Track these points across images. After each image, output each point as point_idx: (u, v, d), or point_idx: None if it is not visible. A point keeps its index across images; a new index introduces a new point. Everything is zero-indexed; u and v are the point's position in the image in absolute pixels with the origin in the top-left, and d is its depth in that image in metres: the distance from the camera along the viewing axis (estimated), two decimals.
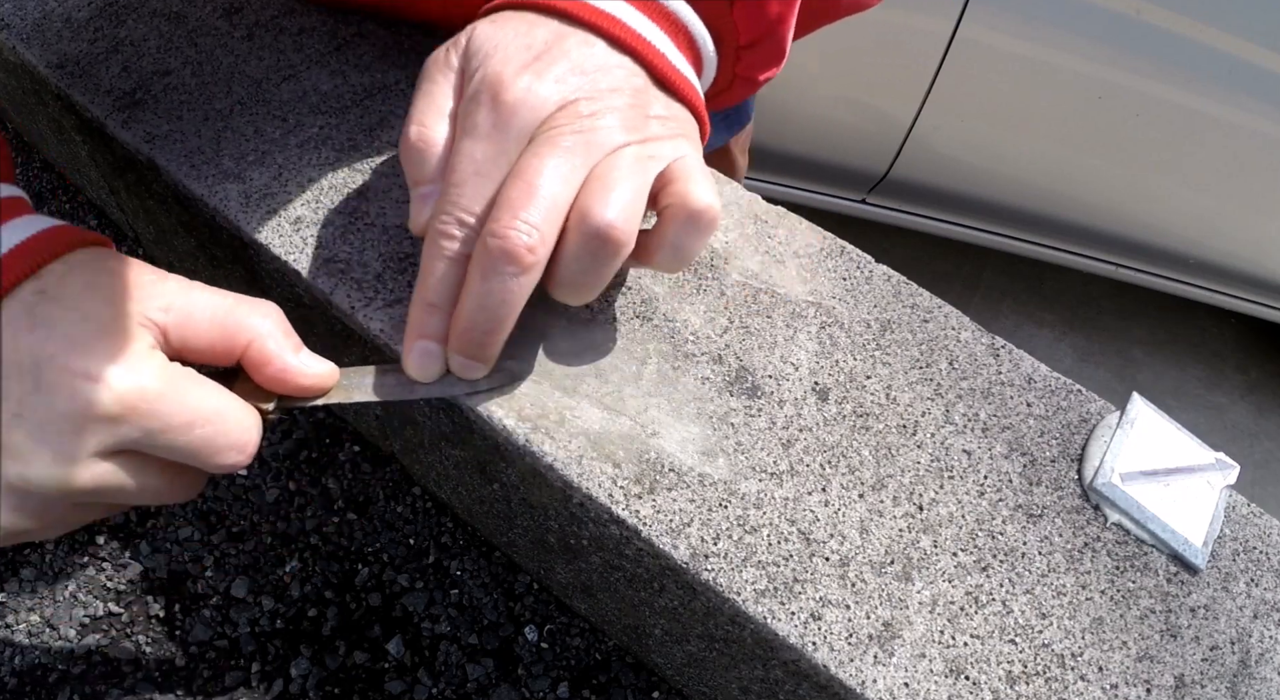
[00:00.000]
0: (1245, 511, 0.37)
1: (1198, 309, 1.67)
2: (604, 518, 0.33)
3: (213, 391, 0.28)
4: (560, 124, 0.29)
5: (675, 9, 0.32)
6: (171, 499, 0.30)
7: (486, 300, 0.29)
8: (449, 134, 0.31)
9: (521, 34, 0.31)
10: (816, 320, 0.39)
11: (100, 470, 0.26)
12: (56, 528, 0.28)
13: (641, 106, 0.31)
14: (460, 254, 0.30)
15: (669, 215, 0.31)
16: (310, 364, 0.31)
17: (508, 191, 0.28)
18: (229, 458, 0.28)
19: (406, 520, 0.51)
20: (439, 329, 0.31)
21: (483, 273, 0.29)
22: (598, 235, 0.29)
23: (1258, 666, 0.34)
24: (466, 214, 0.29)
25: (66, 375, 0.25)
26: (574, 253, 0.29)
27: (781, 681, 0.35)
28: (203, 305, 0.29)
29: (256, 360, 0.30)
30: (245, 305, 0.30)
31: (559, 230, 0.29)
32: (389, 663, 0.46)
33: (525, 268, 0.28)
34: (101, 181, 0.54)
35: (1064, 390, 0.39)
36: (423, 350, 0.31)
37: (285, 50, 0.45)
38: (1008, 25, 1.07)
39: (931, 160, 1.28)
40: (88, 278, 0.27)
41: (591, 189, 0.29)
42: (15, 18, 0.46)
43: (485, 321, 0.30)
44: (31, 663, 0.45)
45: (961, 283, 1.76)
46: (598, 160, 0.30)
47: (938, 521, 0.34)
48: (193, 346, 0.29)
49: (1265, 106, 1.10)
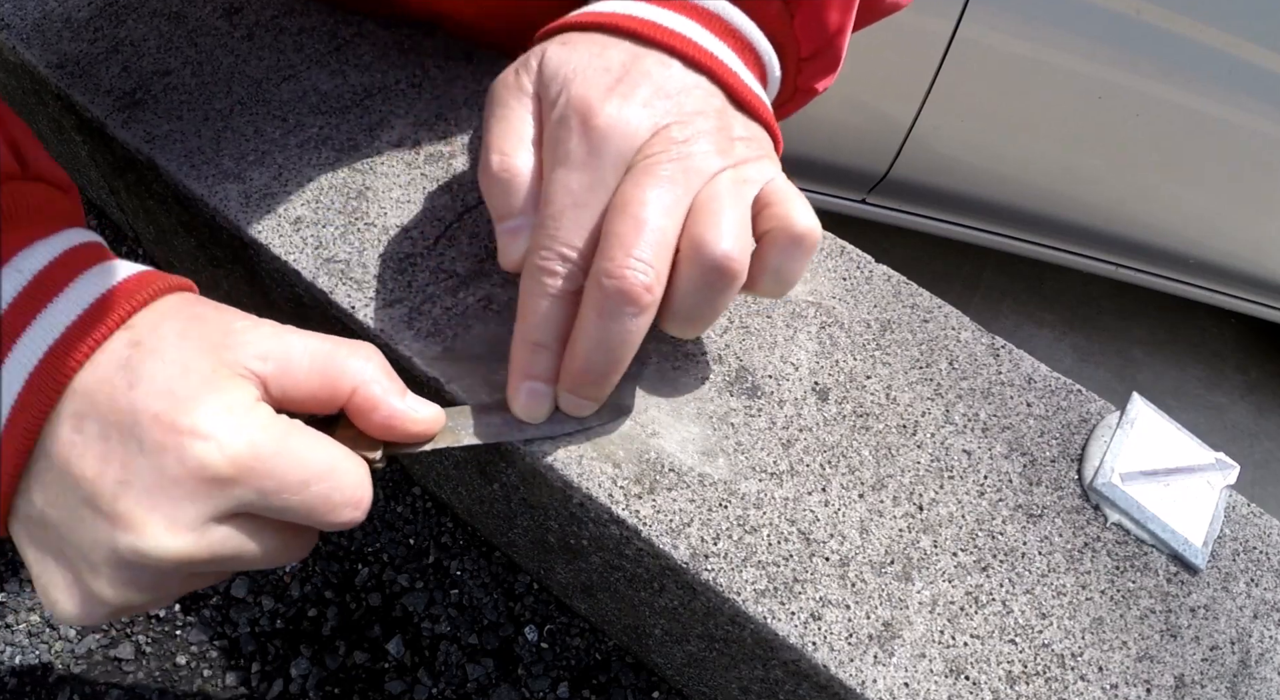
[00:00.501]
0: (1245, 511, 0.37)
1: (1198, 309, 1.67)
2: (604, 518, 0.33)
3: (324, 445, 0.27)
4: (656, 152, 0.28)
5: (740, 25, 0.32)
6: (285, 561, 0.28)
7: (605, 342, 0.28)
8: (534, 163, 0.30)
9: (596, 56, 0.30)
10: (816, 320, 0.39)
11: (216, 536, 0.25)
12: (166, 600, 0.27)
13: (726, 128, 0.30)
14: (564, 291, 0.28)
15: (771, 240, 0.30)
16: (418, 408, 0.29)
17: (615, 227, 0.27)
18: (345, 515, 0.27)
19: (406, 520, 0.51)
20: (547, 369, 0.30)
21: (599, 313, 0.27)
22: (715, 267, 0.28)
23: (1258, 666, 0.34)
24: (568, 248, 0.28)
25: (173, 435, 0.23)
26: (691, 286, 0.28)
27: (781, 681, 0.35)
28: (300, 351, 0.27)
29: (362, 407, 0.28)
30: (345, 348, 0.28)
31: (670, 264, 0.28)
32: (389, 663, 0.46)
33: (643, 308, 0.27)
34: (101, 181, 0.54)
35: (1064, 390, 0.39)
36: (530, 391, 0.30)
37: (285, 50, 0.45)
38: (1008, 25, 1.07)
39: (931, 160, 1.28)
40: (180, 326, 0.26)
41: (700, 219, 0.28)
42: (15, 18, 0.46)
43: (603, 363, 0.29)
44: (31, 663, 0.45)
45: (961, 283, 1.76)
46: (698, 188, 0.29)
47: (938, 521, 0.34)
48: (293, 396, 0.27)
49: (1265, 106, 1.10)
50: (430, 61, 0.45)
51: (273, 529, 0.27)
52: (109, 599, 0.25)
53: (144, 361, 0.25)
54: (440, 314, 0.36)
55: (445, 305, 0.37)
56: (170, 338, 0.25)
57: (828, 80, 0.37)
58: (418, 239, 0.38)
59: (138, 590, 0.25)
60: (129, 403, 0.24)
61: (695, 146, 0.29)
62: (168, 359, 0.25)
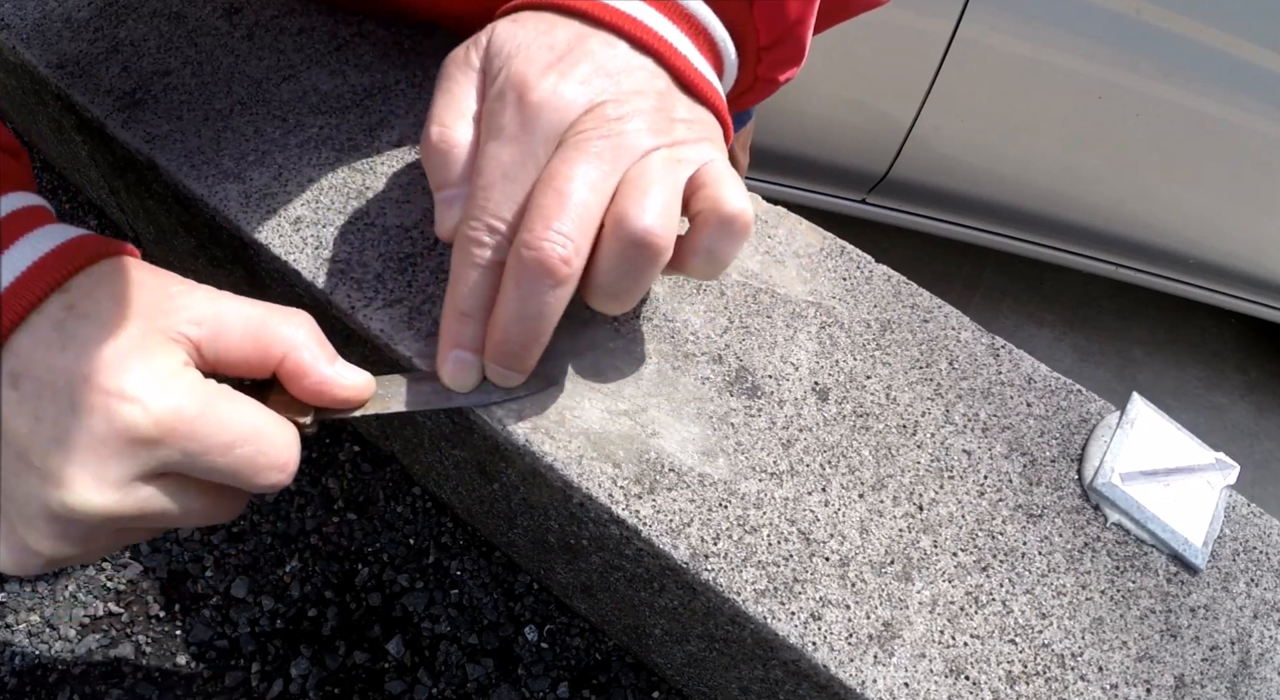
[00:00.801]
0: (1245, 511, 0.37)
1: (1198, 309, 1.67)
2: (604, 518, 0.33)
3: (250, 409, 0.27)
4: (587, 128, 0.29)
5: (695, 10, 0.32)
6: (214, 520, 0.29)
7: (523, 312, 0.28)
8: (472, 135, 0.30)
9: (543, 33, 0.30)
10: (816, 320, 0.39)
11: (142, 494, 0.26)
12: (97, 553, 0.28)
13: (666, 109, 0.31)
14: (491, 261, 0.29)
15: (702, 221, 0.30)
16: (347, 375, 0.30)
17: (539, 199, 0.28)
18: (270, 477, 0.28)
19: (406, 520, 0.51)
20: (473, 338, 0.30)
21: (517, 285, 0.28)
22: (636, 242, 0.28)
23: (1258, 666, 0.34)
24: (496, 220, 0.29)
25: (102, 396, 0.24)
26: (612, 261, 0.29)
27: (781, 681, 0.35)
28: (233, 317, 0.28)
29: (292, 372, 0.29)
30: (278, 315, 0.29)
31: (593, 239, 0.29)
32: (389, 663, 0.46)
33: (561, 280, 0.28)
34: (101, 181, 0.54)
35: (1064, 390, 0.39)
36: (457, 360, 0.31)
37: (285, 50, 0.45)
38: (1008, 25, 1.07)
39: (931, 160, 1.28)
40: (116, 291, 0.27)
41: (626, 194, 0.28)
42: (15, 18, 0.46)
43: (522, 334, 0.29)
44: (31, 663, 0.45)
45: (961, 283, 1.76)
46: (628, 165, 0.29)
47: (938, 521, 0.34)
48: (226, 361, 0.28)
49: (1265, 106, 1.10)
50: (430, 61, 0.45)
51: (200, 489, 0.28)
52: (42, 551, 0.26)
53: (78, 325, 0.25)
54: (440, 314, 0.36)
55: None
56: (105, 302, 0.26)
57: (791, 72, 0.37)
58: (418, 239, 0.38)
59: (69, 543, 0.26)
60: (62, 364, 0.25)
61: (629, 125, 0.29)
62: (101, 322, 0.26)
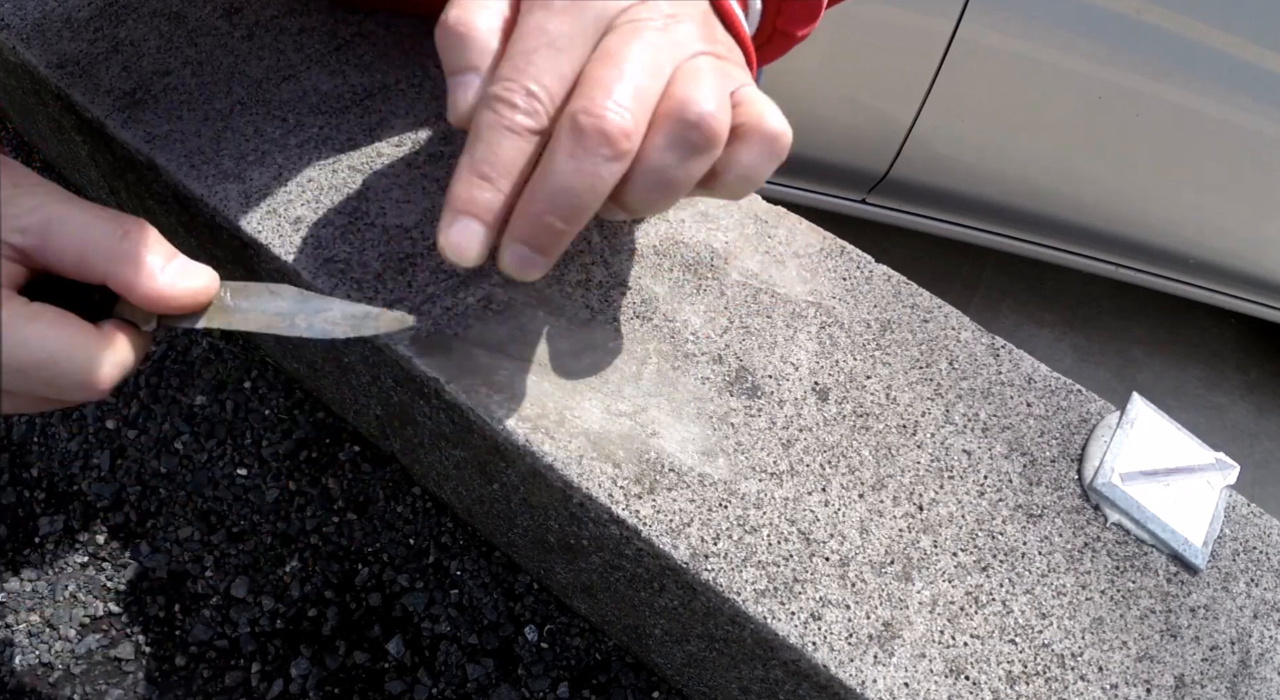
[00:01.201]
0: (1245, 511, 0.37)
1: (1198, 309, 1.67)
2: (604, 518, 0.33)
3: (53, 332, 0.27)
4: (643, 17, 0.27)
5: None
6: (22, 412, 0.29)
7: (573, 184, 0.26)
8: (497, 22, 0.28)
9: None
10: (816, 320, 0.39)
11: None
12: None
13: (710, 26, 0.30)
14: (523, 127, 0.26)
15: (744, 133, 0.28)
16: (180, 282, 0.29)
17: (597, 72, 0.26)
18: (76, 395, 0.28)
19: (406, 520, 0.51)
20: (488, 207, 0.26)
21: (570, 154, 0.25)
22: (698, 125, 0.26)
23: (1258, 666, 0.34)
24: (535, 84, 0.26)
25: None
26: (668, 142, 0.26)
27: (781, 681, 0.35)
28: (59, 227, 0.27)
29: (118, 288, 0.28)
30: (109, 224, 0.28)
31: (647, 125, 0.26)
32: (389, 663, 0.46)
33: (619, 153, 0.25)
34: (101, 181, 0.54)
35: (1064, 390, 0.39)
36: (465, 228, 0.27)
37: (285, 50, 0.45)
38: (1008, 25, 1.07)
39: (931, 160, 1.28)
40: None
41: (685, 82, 0.27)
42: (15, 18, 0.46)
43: (567, 207, 0.26)
44: (31, 663, 0.45)
45: (961, 283, 1.76)
46: (679, 62, 0.28)
47: (938, 521, 0.34)
48: (56, 270, 0.28)
49: (1265, 106, 1.10)
50: (430, 61, 0.45)
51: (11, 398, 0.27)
52: None
53: None
54: (440, 314, 0.36)
55: (445, 305, 0.36)
56: None
57: (808, 28, 0.37)
58: (418, 239, 0.38)
59: None
60: None
61: (681, 25, 0.28)
62: None
